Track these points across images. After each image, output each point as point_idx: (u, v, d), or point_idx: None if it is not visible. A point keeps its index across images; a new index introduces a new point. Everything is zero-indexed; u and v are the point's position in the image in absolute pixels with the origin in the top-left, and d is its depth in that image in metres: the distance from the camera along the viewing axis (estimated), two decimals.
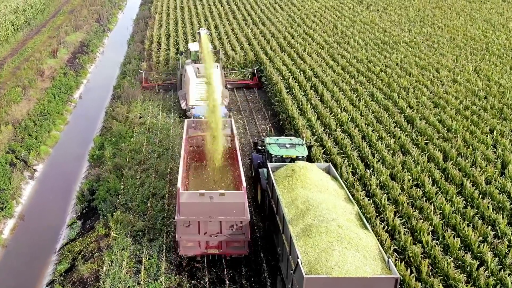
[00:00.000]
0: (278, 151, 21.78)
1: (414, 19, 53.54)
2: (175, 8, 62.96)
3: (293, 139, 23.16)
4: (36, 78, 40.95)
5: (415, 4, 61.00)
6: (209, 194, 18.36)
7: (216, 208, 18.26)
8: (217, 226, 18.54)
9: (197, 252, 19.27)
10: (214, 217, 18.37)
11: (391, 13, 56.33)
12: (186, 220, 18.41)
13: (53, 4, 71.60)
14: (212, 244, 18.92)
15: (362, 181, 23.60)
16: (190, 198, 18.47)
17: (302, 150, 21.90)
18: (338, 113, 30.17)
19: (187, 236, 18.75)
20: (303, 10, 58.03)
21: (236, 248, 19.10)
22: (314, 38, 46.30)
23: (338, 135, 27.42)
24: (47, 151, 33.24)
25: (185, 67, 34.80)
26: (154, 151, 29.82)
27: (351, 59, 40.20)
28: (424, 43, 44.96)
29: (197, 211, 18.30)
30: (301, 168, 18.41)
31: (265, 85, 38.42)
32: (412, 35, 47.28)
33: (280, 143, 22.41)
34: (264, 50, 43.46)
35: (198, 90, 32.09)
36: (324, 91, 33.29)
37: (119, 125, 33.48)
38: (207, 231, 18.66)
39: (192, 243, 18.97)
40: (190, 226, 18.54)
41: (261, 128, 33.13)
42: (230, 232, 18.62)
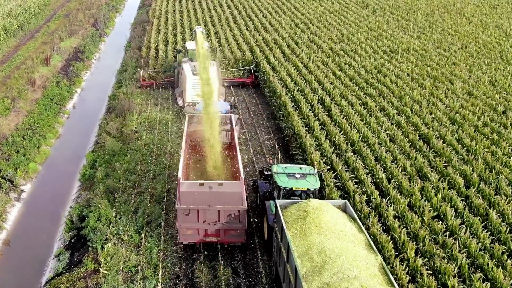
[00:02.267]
0: (287, 183, 19.59)
1: (422, 25, 51.41)
2: (174, 12, 60.80)
3: (303, 167, 20.95)
4: (26, 88, 38.77)
5: (422, 8, 58.86)
6: (208, 184, 19.44)
7: (215, 198, 19.33)
8: (216, 214, 19.62)
9: (196, 240, 20.36)
10: (212, 206, 19.43)
11: (399, 18, 54.20)
12: (186, 208, 19.48)
13: (48, 8, 69.38)
14: (211, 232, 20.03)
15: (378, 211, 21.43)
16: (190, 187, 19.51)
17: (314, 182, 19.72)
18: (348, 130, 28.02)
19: (186, 224, 19.82)
20: (307, 15, 55.88)
21: (233, 236, 20.18)
22: (319, 45, 44.15)
23: (349, 156, 25.25)
24: (35, 169, 31.09)
25: (182, 65, 35.62)
26: (150, 171, 27.67)
27: (359, 69, 38.05)
28: (435, 51, 42.77)
29: (197, 200, 19.38)
30: (315, 209, 16.20)
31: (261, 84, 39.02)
32: (422, 42, 45.14)
33: (289, 172, 20.20)
34: (267, 59, 41.27)
35: (195, 87, 33.00)
36: (332, 105, 31.15)
37: (112, 141, 31.34)
38: (206, 220, 19.74)
39: (191, 230, 20.04)
40: (189, 215, 19.60)
41: (265, 144, 30.99)
42: (228, 221, 19.70)
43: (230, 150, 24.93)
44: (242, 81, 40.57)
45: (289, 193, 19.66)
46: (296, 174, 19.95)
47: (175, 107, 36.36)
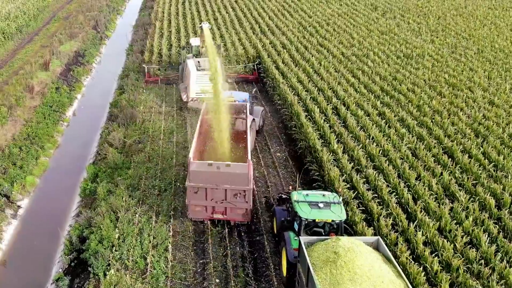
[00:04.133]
0: (310, 214, 17.64)
1: (435, 28, 49.67)
2: (177, 15, 59.12)
3: (326, 194, 18.98)
4: (24, 95, 37.07)
5: (434, 11, 57.07)
6: (216, 165, 20.81)
7: (222, 178, 20.75)
8: (223, 193, 21.16)
9: (204, 216, 22.10)
10: (219, 185, 20.95)
11: (410, 21, 52.46)
12: (195, 186, 21.07)
13: (47, 10, 67.60)
14: (218, 210, 21.64)
15: (405, 236, 19.69)
16: (199, 167, 20.93)
17: (339, 212, 17.81)
18: (367, 143, 26.26)
19: (195, 201, 21.47)
20: (315, 17, 54.13)
21: (239, 215, 21.71)
22: (330, 50, 42.43)
23: (370, 173, 23.49)
24: (33, 182, 29.37)
25: (186, 61, 36.10)
26: (155, 186, 25.94)
27: (373, 75, 36.29)
28: (451, 56, 41.04)
29: (205, 179, 20.88)
30: (347, 250, 14.27)
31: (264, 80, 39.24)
32: (436, 47, 43.39)
33: (311, 201, 18.29)
34: (275, 64, 39.54)
35: (199, 82, 33.80)
36: (347, 116, 29.40)
37: (115, 152, 29.63)
38: (213, 198, 21.31)
39: (200, 208, 21.69)
40: (198, 193, 21.23)
41: (276, 156, 29.27)
42: (234, 200, 21.21)
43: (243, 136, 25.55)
44: (246, 78, 40.83)
45: (311, 224, 17.80)
46: (319, 203, 18.03)
47: (180, 117, 34.66)
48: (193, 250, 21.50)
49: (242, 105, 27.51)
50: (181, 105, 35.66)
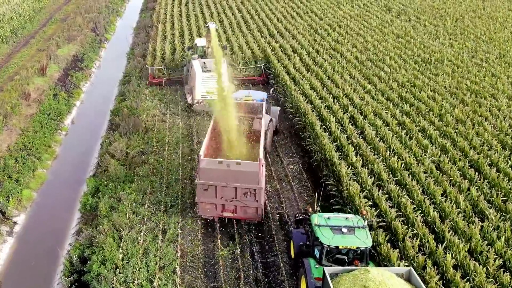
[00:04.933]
0: (333, 240, 16.71)
1: (453, 31, 49.03)
2: (180, 17, 58.65)
3: (349, 217, 18.06)
4: (20, 102, 36.53)
5: (451, 12, 56.42)
6: (226, 163, 21.30)
7: (232, 176, 21.18)
8: (233, 192, 21.60)
9: (214, 214, 22.63)
10: (229, 184, 21.36)
11: (426, 23, 51.84)
12: (204, 184, 21.60)
13: (44, 11, 67.24)
14: (228, 208, 22.16)
15: (433, 259, 18.98)
16: (209, 164, 21.53)
17: (365, 238, 16.92)
18: (387, 156, 25.57)
19: (205, 199, 22.05)
20: (326, 19, 53.57)
21: (249, 214, 22.26)
22: (343, 54, 41.83)
23: (393, 188, 22.78)
24: (30, 196, 28.79)
25: (192, 61, 36.36)
26: (160, 202, 25.29)
27: (390, 81, 35.65)
28: (471, 60, 40.39)
29: (215, 176, 21.40)
30: (378, 285, 13.51)
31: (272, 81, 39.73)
32: (455, 51, 42.73)
33: (333, 225, 17.41)
34: (286, 69, 38.95)
35: (205, 84, 34.41)
36: (365, 125, 28.74)
37: (117, 165, 29.00)
38: (223, 196, 21.82)
39: (209, 205, 22.24)
40: (208, 190, 21.77)
41: (289, 169, 28.61)
42: (244, 199, 21.68)
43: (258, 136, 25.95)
44: (253, 79, 41.00)
45: (334, 251, 17.00)
46: (342, 228, 17.20)
47: (185, 125, 34.08)
48: (203, 273, 20.84)
49: (259, 105, 27.73)
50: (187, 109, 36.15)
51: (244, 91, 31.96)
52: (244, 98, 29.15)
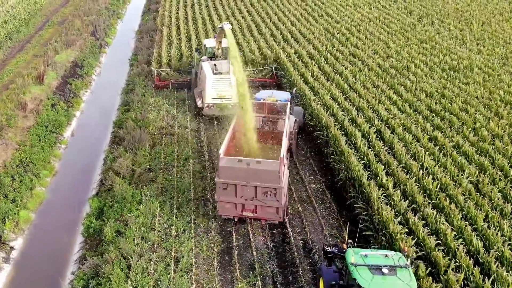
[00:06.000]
0: (372, 282, 15.37)
1: (480, 36, 48.08)
2: (186, 20, 57.91)
3: (389, 255, 16.71)
4: (16, 114, 35.65)
5: (476, 15, 55.46)
6: (246, 161, 21.93)
7: (252, 174, 21.74)
8: (253, 191, 22.13)
9: (234, 214, 23.20)
10: (249, 182, 21.87)
11: (451, 27, 50.92)
12: (224, 182, 22.19)
13: (40, 14, 66.57)
14: (248, 208, 22.65)
15: None
16: (229, 163, 22.14)
17: (408, 280, 15.50)
18: (421, 176, 24.52)
19: (224, 198, 22.64)
20: (343, 23, 52.72)
21: (270, 214, 22.81)
22: (364, 61, 40.93)
23: (429, 213, 21.75)
24: (28, 218, 27.88)
25: (201, 63, 36.18)
26: (171, 226, 24.33)
27: (417, 92, 34.65)
28: (502, 68, 39.38)
29: (234, 175, 21.97)
30: None
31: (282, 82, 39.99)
32: (484, 58, 41.74)
33: (371, 264, 16.10)
34: (303, 77, 38.03)
35: (215, 87, 34.56)
36: (394, 141, 27.72)
37: (122, 183, 28.04)
38: (243, 195, 22.32)
39: (229, 205, 22.83)
40: (227, 189, 22.34)
41: (311, 188, 27.63)
42: (265, 198, 22.17)
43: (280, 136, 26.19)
44: (264, 81, 41.18)
45: None
46: (382, 267, 15.98)
47: (195, 139, 33.18)
48: None
49: (283, 105, 28.16)
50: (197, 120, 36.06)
51: (267, 92, 32.32)
52: (267, 99, 29.52)
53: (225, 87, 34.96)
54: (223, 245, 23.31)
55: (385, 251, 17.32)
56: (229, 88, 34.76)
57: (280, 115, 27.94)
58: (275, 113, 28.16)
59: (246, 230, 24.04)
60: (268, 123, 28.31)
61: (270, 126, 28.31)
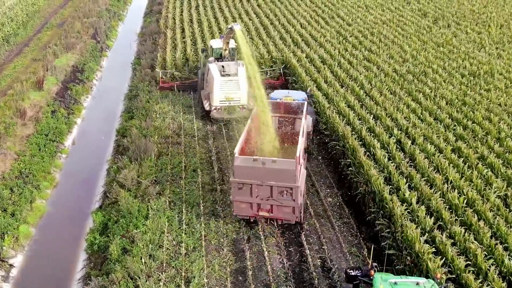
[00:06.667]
0: None
1: (499, 39, 47.43)
2: (191, 22, 57.37)
3: (420, 282, 15.80)
4: (15, 121, 35.06)
5: (493, 17, 54.84)
6: (261, 160, 22.28)
7: (268, 174, 22.10)
8: (268, 190, 22.49)
9: (250, 214, 23.56)
10: (265, 182, 22.26)
11: (468, 30, 50.27)
12: (239, 182, 22.58)
13: (38, 16, 66.07)
14: (264, 208, 23.05)
15: None
16: (244, 162, 22.49)
17: None
18: (445, 190, 23.84)
19: (240, 197, 23.01)
20: (355, 26, 52.12)
21: (286, 214, 23.13)
22: (380, 66, 40.30)
23: (457, 231, 21.08)
24: (28, 233, 27.28)
25: (208, 65, 36.05)
26: (181, 243, 23.67)
27: (437, 99, 33.97)
28: None
29: (250, 175, 22.35)
30: None
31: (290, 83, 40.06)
32: (505, 63, 41.07)
33: None
34: (316, 83, 37.40)
35: (223, 89, 34.58)
36: (415, 152, 27.04)
37: (127, 196, 27.39)
38: (259, 195, 22.65)
39: (245, 204, 23.16)
40: (243, 189, 22.71)
41: (328, 202, 26.95)
42: (281, 198, 22.54)
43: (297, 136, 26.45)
44: (272, 83, 40.86)
45: None
46: None
47: (203, 149, 32.57)
48: None
49: (300, 104, 28.44)
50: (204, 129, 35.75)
51: (283, 91, 32.42)
52: (284, 98, 29.75)
53: (234, 89, 34.97)
54: (236, 264, 22.64)
55: (416, 278, 16.60)
56: (237, 90, 34.87)
57: (297, 115, 28.17)
58: (292, 113, 28.42)
59: (260, 248, 23.41)
60: (285, 123, 28.63)
61: (288, 126, 28.65)
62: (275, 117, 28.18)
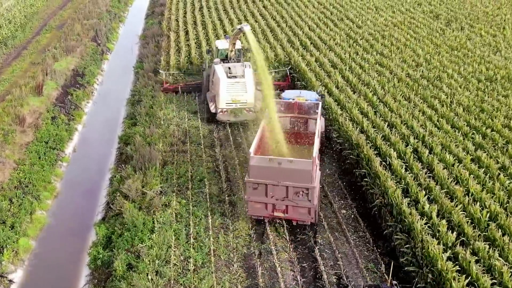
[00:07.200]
0: None
1: None
2: (195, 24, 56.92)
3: None
4: (14, 128, 34.63)
5: (508, 19, 54.27)
6: (277, 160, 22.59)
7: (284, 174, 22.37)
8: (284, 191, 22.76)
9: (264, 214, 23.84)
10: (280, 182, 22.53)
11: (482, 33, 49.67)
12: (254, 182, 22.87)
13: (37, 17, 65.69)
14: (279, 208, 23.27)
15: None
16: (260, 162, 22.78)
17: None
18: (466, 203, 23.27)
19: (255, 198, 23.30)
20: (365, 28, 51.61)
21: (301, 215, 23.33)
22: (392, 70, 39.73)
23: (481, 247, 20.51)
24: (28, 246, 26.81)
25: (214, 66, 35.96)
26: (189, 258, 23.14)
27: (453, 105, 33.39)
28: None
29: (265, 174, 22.65)
30: None
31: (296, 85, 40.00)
32: None
33: None
34: (327, 88, 36.87)
35: (230, 91, 34.71)
36: (434, 162, 26.46)
37: (132, 208, 26.87)
38: (274, 195, 22.95)
39: (260, 205, 23.45)
40: (258, 189, 23.02)
41: (342, 214, 26.36)
42: (296, 198, 22.78)
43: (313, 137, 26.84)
44: (277, 85, 40.08)
45: None
46: None
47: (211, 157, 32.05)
48: None
49: (315, 105, 28.84)
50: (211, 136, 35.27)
51: (295, 91, 32.39)
52: (296, 99, 29.67)
53: (240, 91, 35.00)
54: (248, 281, 22.10)
55: None
56: (244, 92, 34.91)
57: (310, 115, 28.54)
58: (305, 113, 28.69)
59: (272, 263, 22.89)
60: (298, 123, 28.87)
61: (301, 127, 28.89)
62: (287, 117, 28.53)
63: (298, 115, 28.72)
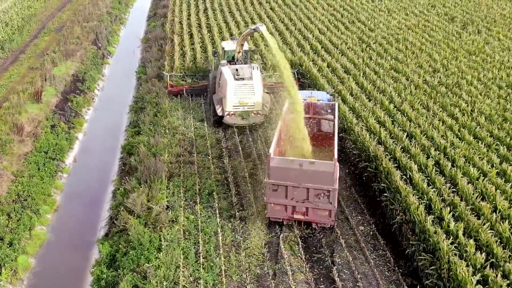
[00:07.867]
0: None
1: None
2: (199, 27, 56.39)
3: None
4: (12, 138, 33.96)
5: None
6: (298, 162, 22.95)
7: (305, 176, 22.73)
8: (304, 193, 23.17)
9: (284, 216, 24.24)
10: (301, 184, 22.91)
11: (500, 36, 49.02)
12: (274, 184, 23.28)
13: (35, 20, 65.22)
14: (299, 210, 23.65)
15: None
16: (280, 163, 23.18)
17: None
18: (493, 220, 22.56)
19: (274, 199, 23.72)
20: (378, 31, 51.00)
21: (322, 217, 23.73)
22: (409, 77, 39.05)
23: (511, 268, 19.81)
24: (27, 264, 26.14)
25: (221, 68, 35.89)
26: (199, 279, 22.44)
27: (474, 114, 32.71)
28: None
29: (285, 176, 23.00)
30: None
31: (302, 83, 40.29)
32: None
33: None
34: (340, 95, 36.21)
35: (237, 94, 34.82)
36: (457, 176, 25.73)
37: (137, 224, 26.20)
38: (294, 197, 23.38)
39: (279, 207, 23.87)
40: (278, 190, 23.45)
41: (360, 231, 25.64)
42: (317, 200, 23.12)
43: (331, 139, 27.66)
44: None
45: None
46: None
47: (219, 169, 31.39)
48: None
49: (329, 105, 29.53)
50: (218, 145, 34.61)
51: (306, 92, 33.15)
52: (308, 99, 30.41)
53: (248, 93, 34.98)
54: None
55: None
56: (252, 95, 34.91)
57: (324, 115, 29.42)
58: (319, 114, 29.51)
59: (287, 285, 22.20)
60: (312, 124, 29.57)
61: (314, 127, 29.63)
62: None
63: (313, 116, 29.48)
